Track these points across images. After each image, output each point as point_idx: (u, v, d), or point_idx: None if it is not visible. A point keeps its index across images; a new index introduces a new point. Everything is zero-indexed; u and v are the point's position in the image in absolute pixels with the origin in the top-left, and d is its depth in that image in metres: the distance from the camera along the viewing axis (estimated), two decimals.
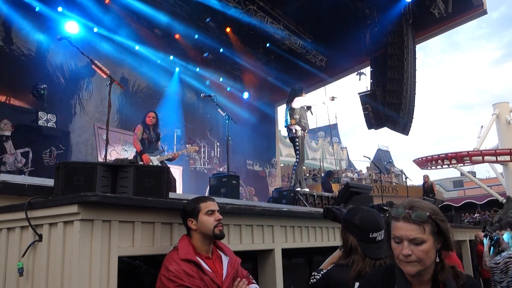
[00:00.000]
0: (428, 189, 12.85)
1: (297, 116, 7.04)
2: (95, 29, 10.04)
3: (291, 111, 7.12)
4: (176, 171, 11.32)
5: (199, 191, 11.32)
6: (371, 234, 2.08)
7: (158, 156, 6.93)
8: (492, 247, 5.89)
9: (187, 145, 11.23)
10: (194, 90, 14.04)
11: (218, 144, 13.62)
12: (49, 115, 8.63)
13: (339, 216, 2.46)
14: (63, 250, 2.04)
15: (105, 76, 5.18)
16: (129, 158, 8.31)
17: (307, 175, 22.85)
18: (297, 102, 7.08)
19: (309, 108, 7.28)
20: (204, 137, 13.40)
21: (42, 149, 8.23)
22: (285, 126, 7.31)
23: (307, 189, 7.06)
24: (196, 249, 2.31)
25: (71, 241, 2.00)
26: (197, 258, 2.25)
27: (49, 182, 3.03)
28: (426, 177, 13.24)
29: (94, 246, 2.02)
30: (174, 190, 6.89)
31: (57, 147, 8.51)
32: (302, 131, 7.05)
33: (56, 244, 2.09)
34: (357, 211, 2.18)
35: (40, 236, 2.17)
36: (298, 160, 7.05)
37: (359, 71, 13.00)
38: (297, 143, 7.01)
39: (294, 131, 7.03)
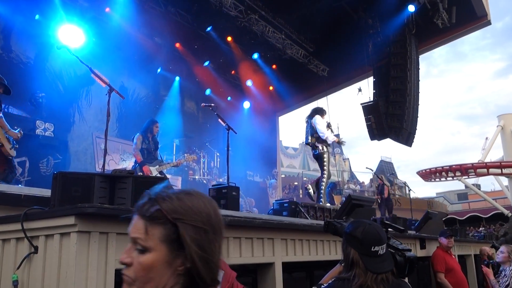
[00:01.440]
0: (379, 190, 12.84)
1: (317, 135, 7.40)
2: (94, 38, 10.10)
3: (311, 129, 7.48)
4: (175, 181, 11.31)
5: None
6: (373, 247, 2.07)
7: (157, 166, 6.97)
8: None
9: (185, 154, 11.23)
10: (194, 100, 14.06)
11: (218, 154, 13.62)
12: (47, 123, 8.66)
13: (340, 230, 2.46)
14: (59, 262, 2.04)
15: (104, 85, 5.20)
16: (127, 168, 8.32)
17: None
18: (321, 120, 7.45)
19: (328, 126, 7.59)
20: (204, 147, 13.40)
21: (39, 158, 8.24)
22: (307, 143, 7.63)
23: (328, 204, 7.35)
24: None
25: (68, 253, 2.00)
26: None
27: (46, 192, 3.03)
28: (380, 179, 13.26)
29: (90, 258, 2.02)
30: None
31: (55, 156, 8.52)
32: (326, 147, 7.39)
33: (52, 256, 2.08)
34: (358, 224, 2.18)
35: (36, 248, 2.17)
36: (324, 176, 7.35)
37: (359, 88, 13.06)
38: (325, 160, 7.33)
39: (321, 148, 7.36)
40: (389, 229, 2.43)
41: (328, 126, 7.57)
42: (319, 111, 7.62)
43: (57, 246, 2.06)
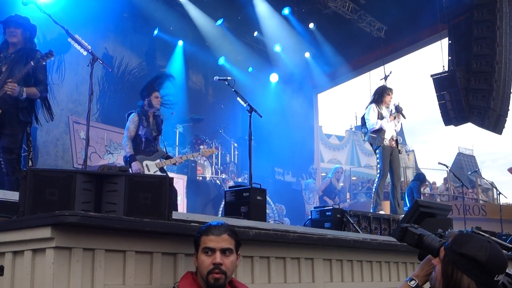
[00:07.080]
0: None
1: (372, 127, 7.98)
2: None
3: (366, 121, 8.08)
4: (179, 181, 11.36)
5: (210, 209, 11.34)
6: (497, 276, 1.99)
7: (158, 161, 6.63)
8: None
9: (201, 147, 11.08)
10: (203, 71, 14.08)
11: (235, 145, 13.63)
12: None
13: (428, 242, 2.30)
14: (31, 287, 2.09)
15: (85, 53, 5.27)
16: (117, 164, 8.34)
17: (359, 188, 22.71)
18: (372, 112, 7.93)
19: (397, 110, 8.09)
20: (217, 135, 13.42)
21: None
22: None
23: (382, 212, 7.61)
24: None
25: (42, 276, 2.04)
26: None
27: (12, 196, 3.09)
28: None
29: (72, 282, 2.06)
30: (176, 208, 6.91)
31: None
32: (386, 140, 7.90)
33: (22, 279, 2.13)
34: (470, 239, 2.09)
35: (1, 269, 2.22)
36: (379, 175, 8.03)
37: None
38: (377, 157, 8.04)
39: (372, 143, 8.06)
40: None
41: (397, 110, 8.04)
42: (375, 98, 8.11)
43: (28, 266, 2.11)
